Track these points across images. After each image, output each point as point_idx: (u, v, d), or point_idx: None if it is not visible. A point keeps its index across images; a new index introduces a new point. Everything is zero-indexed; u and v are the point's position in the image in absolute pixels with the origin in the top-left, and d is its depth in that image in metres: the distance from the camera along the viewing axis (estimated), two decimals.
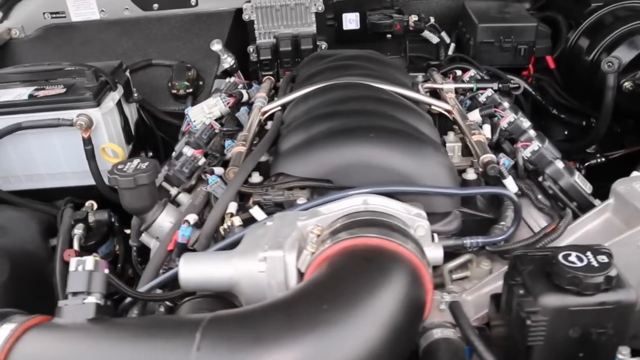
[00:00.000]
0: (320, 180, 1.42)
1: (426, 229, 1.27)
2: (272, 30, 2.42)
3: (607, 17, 2.13)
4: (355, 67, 1.91)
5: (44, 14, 2.44)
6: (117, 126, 2.05)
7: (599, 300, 1.08)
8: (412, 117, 1.60)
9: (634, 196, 1.32)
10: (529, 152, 1.52)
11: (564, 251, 1.13)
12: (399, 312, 1.05)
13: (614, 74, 1.95)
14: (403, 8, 2.52)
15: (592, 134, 2.13)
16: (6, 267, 1.66)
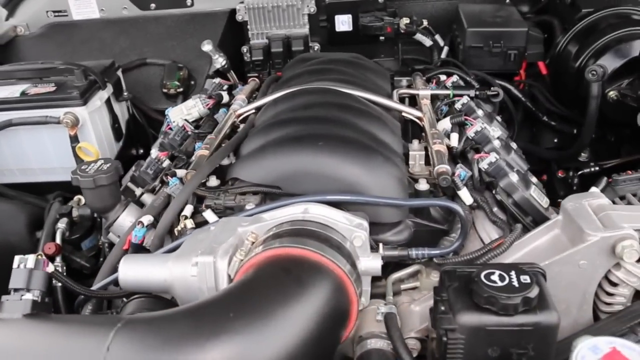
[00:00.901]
0: (270, 186, 1.43)
1: (363, 239, 1.27)
2: (264, 31, 2.44)
3: (595, 24, 2.06)
4: (332, 71, 1.91)
5: (47, 13, 2.52)
6: (106, 124, 2.11)
7: (517, 322, 1.06)
8: (373, 124, 1.59)
9: (579, 214, 1.29)
10: (486, 163, 1.49)
11: (487, 269, 1.12)
12: (311, 322, 1.05)
13: (598, 82, 1.89)
14: (398, 10, 2.49)
15: (576, 144, 2.07)
16: None
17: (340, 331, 1.15)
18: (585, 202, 1.33)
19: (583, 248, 1.23)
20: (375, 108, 1.73)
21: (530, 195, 1.44)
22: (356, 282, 1.20)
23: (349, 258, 1.21)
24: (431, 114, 1.78)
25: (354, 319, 1.18)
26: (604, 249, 1.22)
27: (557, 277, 1.28)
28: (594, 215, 1.29)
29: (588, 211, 1.29)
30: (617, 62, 1.90)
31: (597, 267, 1.24)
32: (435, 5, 2.50)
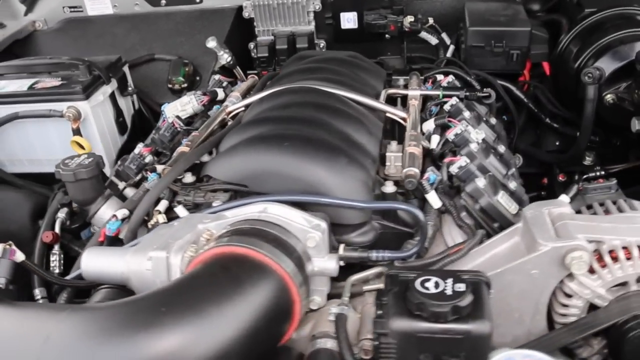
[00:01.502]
0: (237, 184, 1.46)
1: (317, 240, 1.29)
2: (270, 28, 2.47)
3: (598, 24, 2.00)
4: (323, 70, 1.92)
5: (63, 8, 2.62)
6: (109, 118, 2.19)
7: (447, 329, 1.07)
8: (349, 125, 1.61)
9: (535, 222, 1.28)
10: (456, 167, 1.48)
11: (425, 276, 1.13)
12: (245, 320, 1.08)
13: (594, 85, 1.84)
14: (406, 8, 2.48)
15: (573, 147, 2.02)
16: None
17: (279, 330, 1.17)
18: (545, 210, 1.31)
19: (534, 257, 1.23)
20: (358, 108, 1.74)
21: (498, 202, 1.43)
22: (303, 282, 1.23)
23: (296, 258, 1.23)
24: (417, 115, 1.78)
25: (296, 318, 1.21)
26: (555, 259, 1.20)
27: (509, 285, 1.27)
28: (551, 224, 1.27)
29: (545, 220, 1.28)
30: (615, 64, 1.85)
31: (548, 277, 1.23)
32: (444, 3, 2.48)
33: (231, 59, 2.34)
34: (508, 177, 1.61)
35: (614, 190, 1.41)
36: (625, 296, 1.21)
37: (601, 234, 1.22)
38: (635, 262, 1.19)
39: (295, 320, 1.21)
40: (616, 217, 1.29)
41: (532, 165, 2.27)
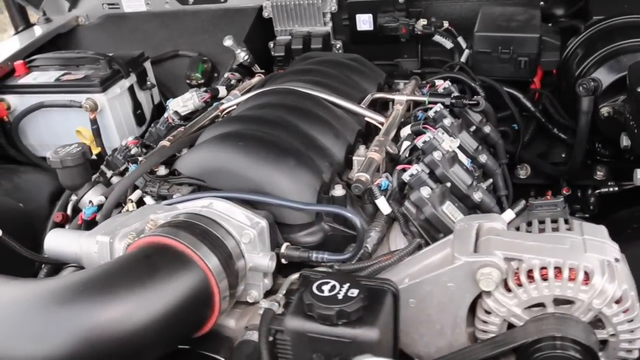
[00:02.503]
0: (196, 179, 1.56)
1: (252, 237, 1.37)
2: (288, 28, 2.55)
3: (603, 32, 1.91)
4: (314, 72, 1.98)
5: (103, 5, 2.82)
6: (127, 110, 2.36)
7: (335, 333, 1.12)
8: (316, 127, 1.66)
9: (461, 235, 1.29)
10: (408, 175, 1.50)
11: (327, 279, 1.18)
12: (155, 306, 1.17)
13: (589, 97, 1.78)
14: (426, 10, 2.47)
15: (569, 162, 1.95)
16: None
17: (196, 316, 1.25)
18: (476, 224, 1.31)
19: (449, 270, 1.23)
20: (336, 111, 1.78)
21: (442, 212, 1.44)
22: (227, 275, 1.30)
23: (223, 252, 1.31)
24: (397, 120, 1.80)
25: (217, 308, 1.28)
26: (469, 274, 1.21)
27: (429, 296, 1.28)
28: (476, 238, 1.27)
29: (470, 233, 1.28)
30: (613, 75, 1.78)
31: (464, 291, 1.23)
32: (463, 6, 2.45)
33: (248, 57, 2.44)
34: (474, 187, 1.61)
35: (560, 208, 1.37)
36: (540, 317, 1.20)
37: (522, 252, 1.20)
38: (551, 284, 1.17)
39: (216, 309, 1.28)
40: (546, 236, 1.26)
41: (541, 176, 2.21)
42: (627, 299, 1.15)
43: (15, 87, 2.33)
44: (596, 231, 1.26)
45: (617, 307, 1.16)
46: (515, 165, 2.22)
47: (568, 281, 1.16)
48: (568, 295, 1.17)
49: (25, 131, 2.40)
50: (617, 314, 1.16)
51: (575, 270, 1.16)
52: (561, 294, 1.17)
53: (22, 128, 2.38)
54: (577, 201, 2.18)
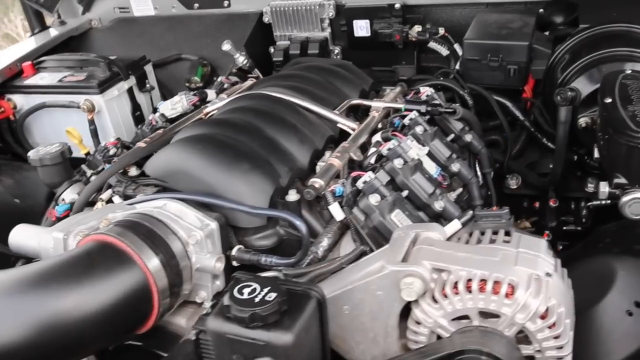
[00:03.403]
0: (159, 180, 1.62)
1: (199, 238, 1.41)
2: (287, 33, 2.59)
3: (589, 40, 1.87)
4: (296, 77, 2.01)
5: (114, 9, 2.94)
6: (125, 111, 2.45)
7: (250, 335, 1.15)
8: (281, 132, 1.69)
9: (395, 243, 1.30)
10: (362, 182, 1.51)
11: (250, 282, 1.21)
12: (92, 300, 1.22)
13: (567, 107, 1.75)
14: (425, 17, 2.47)
15: (550, 174, 1.91)
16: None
17: (132, 315, 1.30)
18: (412, 233, 1.32)
19: (377, 278, 1.25)
20: (308, 116, 1.81)
21: (390, 220, 1.44)
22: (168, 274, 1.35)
23: (166, 252, 1.35)
24: (369, 127, 1.82)
25: (155, 308, 1.32)
26: (395, 283, 1.22)
27: (361, 303, 1.30)
28: (408, 247, 1.28)
29: (404, 243, 1.29)
30: (592, 85, 1.74)
31: (392, 300, 1.24)
32: (462, 13, 2.43)
33: (247, 61, 2.48)
34: (436, 196, 1.61)
35: (504, 220, 1.36)
36: (465, 330, 1.19)
37: (450, 263, 1.20)
38: (475, 296, 1.16)
39: (155, 307, 1.33)
40: (480, 247, 1.26)
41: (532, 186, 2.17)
42: (553, 315, 1.14)
43: (21, 88, 2.46)
44: (533, 245, 1.25)
45: (542, 322, 1.14)
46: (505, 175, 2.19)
47: (492, 294, 1.15)
48: (491, 308, 1.16)
49: (31, 130, 2.53)
50: (541, 330, 1.15)
51: (500, 284, 1.15)
52: (485, 307, 1.17)
53: (28, 127, 2.51)
54: (571, 214, 2.14)
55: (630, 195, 1.47)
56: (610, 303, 1.34)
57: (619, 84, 1.60)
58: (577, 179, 2.10)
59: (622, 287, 1.35)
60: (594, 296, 1.37)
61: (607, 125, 1.52)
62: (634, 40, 1.85)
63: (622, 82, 1.61)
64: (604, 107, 1.53)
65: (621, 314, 1.32)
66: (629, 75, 1.63)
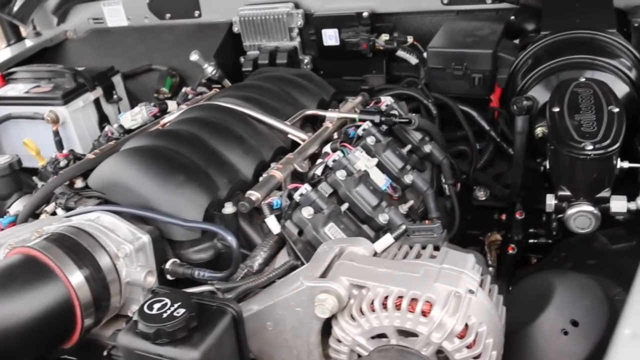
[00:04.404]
0: (98, 192, 1.61)
1: (128, 252, 1.41)
2: (256, 43, 2.59)
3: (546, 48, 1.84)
4: (252, 88, 2.01)
5: (88, 19, 2.96)
6: (92, 122, 2.46)
7: (157, 351, 1.14)
8: (225, 144, 1.68)
9: (317, 258, 1.28)
10: (298, 194, 1.50)
11: (161, 296, 1.20)
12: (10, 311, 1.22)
13: (523, 116, 1.72)
14: (396, 25, 2.45)
15: (510, 186, 1.88)
16: None
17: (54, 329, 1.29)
18: (337, 248, 1.29)
19: (295, 294, 1.22)
20: (258, 127, 1.80)
21: (323, 234, 1.42)
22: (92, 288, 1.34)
23: (92, 266, 1.35)
24: (320, 138, 1.80)
25: (78, 322, 1.31)
26: (312, 300, 1.19)
27: (282, 320, 1.28)
28: (329, 262, 1.25)
29: (326, 258, 1.26)
30: (547, 94, 1.70)
31: (311, 317, 1.21)
32: (433, 21, 2.40)
33: (216, 71, 2.49)
34: (381, 209, 1.58)
35: (436, 234, 1.33)
36: (383, 349, 1.17)
37: (369, 279, 1.18)
38: (391, 314, 1.13)
39: (78, 321, 1.32)
40: (403, 263, 1.22)
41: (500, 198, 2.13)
42: (472, 334, 1.11)
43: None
44: (459, 260, 1.22)
45: (460, 342, 1.11)
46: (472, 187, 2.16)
47: (407, 312, 1.12)
48: (408, 327, 1.13)
49: (0, 141, 2.55)
50: (459, 350, 1.11)
51: (417, 301, 1.13)
52: (401, 325, 1.13)
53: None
54: (542, 226, 2.10)
55: (575, 208, 1.44)
56: (546, 321, 1.30)
57: (570, 92, 1.57)
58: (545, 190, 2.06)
59: (559, 304, 1.31)
60: (531, 314, 1.34)
61: (552, 135, 1.48)
62: (596, 47, 1.82)
63: (574, 90, 1.57)
64: (552, 117, 1.50)
65: (556, 332, 1.28)
66: (582, 83, 1.60)
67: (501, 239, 2.18)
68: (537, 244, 2.07)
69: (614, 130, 1.40)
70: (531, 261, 2.13)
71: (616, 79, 1.72)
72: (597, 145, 1.36)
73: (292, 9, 2.52)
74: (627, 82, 1.73)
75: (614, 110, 1.46)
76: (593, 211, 1.42)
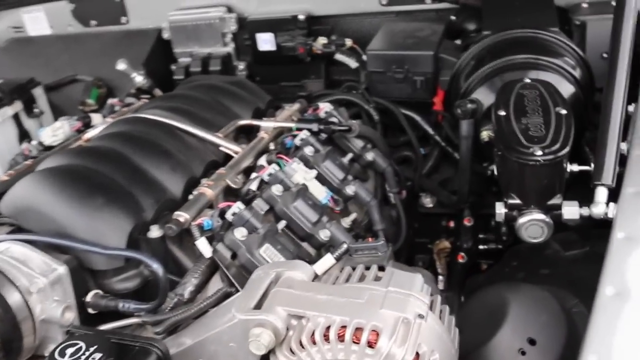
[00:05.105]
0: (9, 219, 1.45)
1: (41, 286, 1.26)
2: (187, 50, 2.45)
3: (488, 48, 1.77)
4: (181, 98, 1.88)
5: (8, 28, 2.75)
6: (10, 138, 2.26)
7: None
8: (151, 160, 1.54)
9: (250, 287, 1.15)
10: (231, 213, 1.37)
11: (74, 340, 1.05)
12: None
13: (467, 120, 1.63)
14: (334, 28, 2.35)
15: (458, 193, 1.80)
16: None
17: None
18: (273, 273, 1.17)
19: (227, 328, 1.10)
20: (188, 140, 1.67)
21: (258, 256, 1.30)
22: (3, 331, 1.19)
23: None
24: (255, 150, 1.67)
25: None
26: (246, 334, 1.06)
27: (215, 356, 1.15)
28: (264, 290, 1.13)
29: (260, 285, 1.14)
30: (493, 96, 1.62)
31: (246, 353, 1.08)
32: (372, 22, 2.31)
33: (145, 80, 2.34)
34: (322, 224, 1.47)
35: (380, 252, 1.22)
36: None
37: (308, 308, 1.06)
38: (333, 346, 1.01)
39: None
40: (345, 288, 1.11)
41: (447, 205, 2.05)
42: None
43: None
44: (406, 282, 1.11)
45: None
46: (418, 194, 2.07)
47: (352, 343, 1.01)
48: None
49: None
50: None
51: (362, 330, 1.01)
52: (346, 359, 1.02)
53: None
54: (491, 231, 2.03)
55: (526, 217, 1.35)
56: (501, 341, 1.21)
57: (515, 94, 1.49)
58: (493, 194, 1.99)
59: (515, 322, 1.22)
60: (485, 333, 1.24)
61: (499, 140, 1.40)
62: (539, 47, 1.75)
63: (519, 92, 1.50)
64: (498, 120, 1.42)
65: (513, 353, 1.20)
66: (527, 84, 1.52)
67: (450, 246, 2.10)
68: (488, 250, 2.00)
69: (563, 133, 1.32)
70: (481, 267, 2.06)
71: (561, 78, 1.66)
72: (547, 150, 1.28)
73: (225, 13, 2.39)
74: (572, 81, 1.68)
75: (561, 112, 1.39)
76: (545, 219, 1.34)
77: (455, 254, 1.96)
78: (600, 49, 1.90)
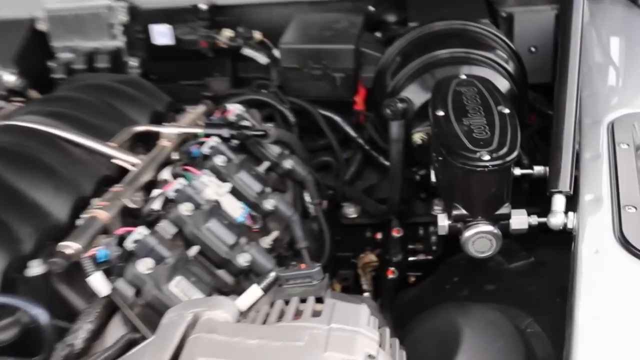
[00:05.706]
0: None
1: None
2: (68, 44, 2.21)
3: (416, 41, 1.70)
4: (64, 100, 1.67)
5: None
6: None
7: None
8: (28, 178, 1.33)
9: (161, 334, 0.98)
10: (131, 240, 1.19)
11: None
12: None
13: (397, 121, 1.54)
14: (240, 19, 2.21)
15: (387, 201, 1.71)
16: None
17: None
18: (190, 315, 1.00)
19: None
20: (74, 152, 1.47)
21: (168, 292, 1.13)
22: None
23: None
24: (156, 161, 1.50)
25: None
26: None
27: None
28: (180, 337, 0.97)
29: (174, 331, 0.97)
30: (424, 94, 1.55)
31: None
32: (282, 13, 2.18)
33: (19, 80, 2.09)
34: (241, 247, 1.32)
35: (316, 281, 1.10)
36: None
37: (237, 357, 0.91)
38: None
39: None
40: (279, 328, 0.97)
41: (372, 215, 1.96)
42: None
43: None
44: (350, 315, 0.98)
45: None
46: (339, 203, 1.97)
47: None
48: None
49: None
50: None
51: None
52: None
53: None
54: (419, 241, 1.96)
55: (473, 229, 1.27)
56: None
57: (452, 92, 1.40)
58: (421, 201, 1.92)
59: (470, 350, 1.13)
60: None
61: (440, 144, 1.31)
62: (470, 39, 1.70)
63: (456, 89, 1.42)
64: (436, 121, 1.33)
65: None
66: (463, 81, 1.45)
67: (376, 259, 2.01)
68: (416, 262, 1.93)
69: (509, 135, 1.25)
70: (409, 280, 1.99)
71: (495, 73, 1.61)
72: (494, 154, 1.20)
73: (113, 2, 2.18)
74: (506, 76, 1.63)
75: (504, 112, 1.32)
76: (493, 231, 1.27)
77: (384, 269, 1.86)
78: (528, 42, 1.88)
